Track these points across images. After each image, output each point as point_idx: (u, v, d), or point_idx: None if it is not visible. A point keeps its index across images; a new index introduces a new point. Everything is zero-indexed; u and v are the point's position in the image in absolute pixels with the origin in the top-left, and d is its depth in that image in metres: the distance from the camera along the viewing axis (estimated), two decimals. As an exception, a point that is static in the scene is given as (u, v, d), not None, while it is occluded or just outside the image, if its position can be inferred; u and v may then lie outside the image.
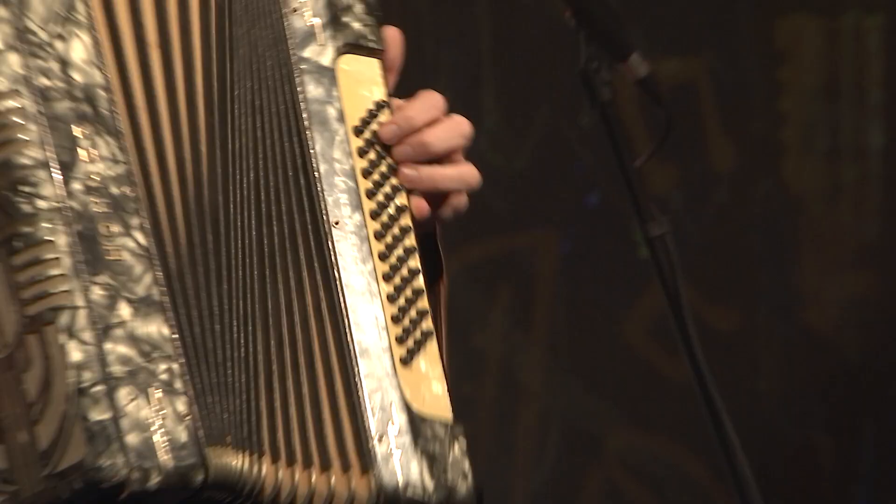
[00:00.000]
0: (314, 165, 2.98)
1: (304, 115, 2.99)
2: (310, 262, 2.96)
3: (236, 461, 2.91)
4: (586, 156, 7.20)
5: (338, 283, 2.95)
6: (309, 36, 3.03)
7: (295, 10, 3.04)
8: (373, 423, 2.95)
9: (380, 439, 2.95)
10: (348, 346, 2.93)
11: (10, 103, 2.71)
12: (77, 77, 2.77)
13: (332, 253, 2.97)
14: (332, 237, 2.98)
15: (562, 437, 7.55)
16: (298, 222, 2.98)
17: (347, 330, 2.94)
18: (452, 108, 3.32)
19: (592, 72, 3.49)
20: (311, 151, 3.00)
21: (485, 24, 7.39)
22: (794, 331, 7.37)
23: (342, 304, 2.94)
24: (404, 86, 3.33)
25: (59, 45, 2.79)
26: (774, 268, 7.48)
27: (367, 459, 2.92)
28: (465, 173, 3.09)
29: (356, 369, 2.93)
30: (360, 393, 2.93)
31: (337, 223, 2.98)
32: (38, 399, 2.77)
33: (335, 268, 2.96)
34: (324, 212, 2.97)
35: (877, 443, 7.59)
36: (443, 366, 3.12)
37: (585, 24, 3.51)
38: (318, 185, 3.00)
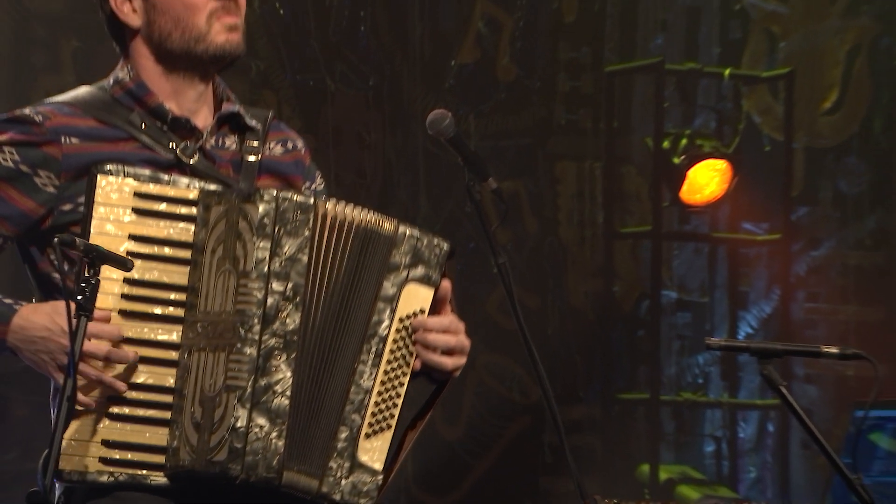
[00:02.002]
0: (373, 322, 3.46)
1: (377, 307, 3.45)
2: (348, 363, 3.44)
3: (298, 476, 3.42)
4: (469, 223, 8.21)
5: (349, 374, 3.45)
6: (392, 268, 3.45)
7: (394, 255, 3.44)
8: (337, 444, 3.45)
9: (338, 453, 3.45)
10: (347, 404, 3.44)
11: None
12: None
13: (353, 358, 3.45)
14: (358, 353, 3.45)
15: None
16: (351, 345, 3.43)
17: (348, 396, 3.45)
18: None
19: (470, 185, 3.82)
20: (374, 319, 3.45)
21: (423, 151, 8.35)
22: (568, 310, 8.61)
23: (348, 381, 3.44)
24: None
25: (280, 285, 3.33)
26: (556, 275, 8.62)
27: (330, 465, 3.45)
28: (458, 363, 3.52)
29: (349, 415, 3.44)
30: (343, 427, 3.45)
31: (360, 354, 3.44)
32: (215, 409, 3.35)
33: (349, 368, 3.45)
34: (363, 340, 3.44)
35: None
36: (389, 451, 3.50)
37: (466, 162, 3.81)
38: (369, 332, 3.46)
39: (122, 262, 3.24)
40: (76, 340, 3.13)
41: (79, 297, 3.14)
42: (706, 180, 8.09)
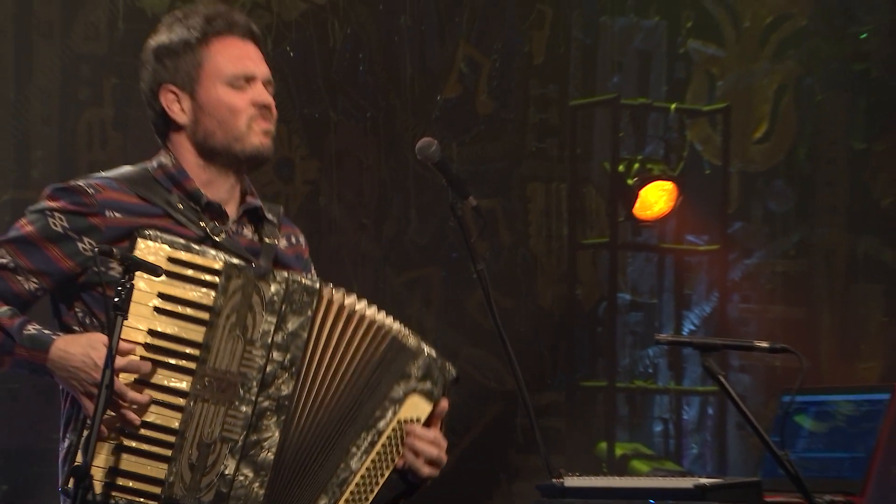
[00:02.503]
0: (376, 416, 3.43)
1: (384, 405, 3.43)
2: (344, 444, 3.42)
3: None
4: (453, 236, 8.05)
5: (342, 452, 3.42)
6: (406, 376, 3.43)
7: (410, 366, 3.44)
8: None
9: None
10: (333, 477, 3.41)
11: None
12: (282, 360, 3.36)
13: (349, 439, 3.42)
14: (355, 437, 3.43)
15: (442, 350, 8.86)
16: (351, 429, 3.42)
17: (336, 471, 3.41)
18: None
19: (454, 203, 3.84)
20: (377, 413, 3.43)
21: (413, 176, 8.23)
22: (537, 310, 8.56)
23: (340, 458, 3.41)
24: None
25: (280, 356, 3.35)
26: (527, 280, 8.53)
27: None
28: (432, 470, 3.50)
29: (331, 490, 3.41)
30: (323, 496, 3.42)
31: (357, 440, 3.42)
32: (209, 455, 3.32)
33: (343, 447, 3.42)
34: (363, 428, 3.42)
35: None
36: None
37: (450, 183, 3.83)
38: (368, 423, 3.43)
39: (153, 270, 3.23)
40: (112, 337, 3.13)
41: (115, 299, 3.13)
42: (655, 199, 8.06)
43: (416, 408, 3.43)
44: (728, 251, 8.36)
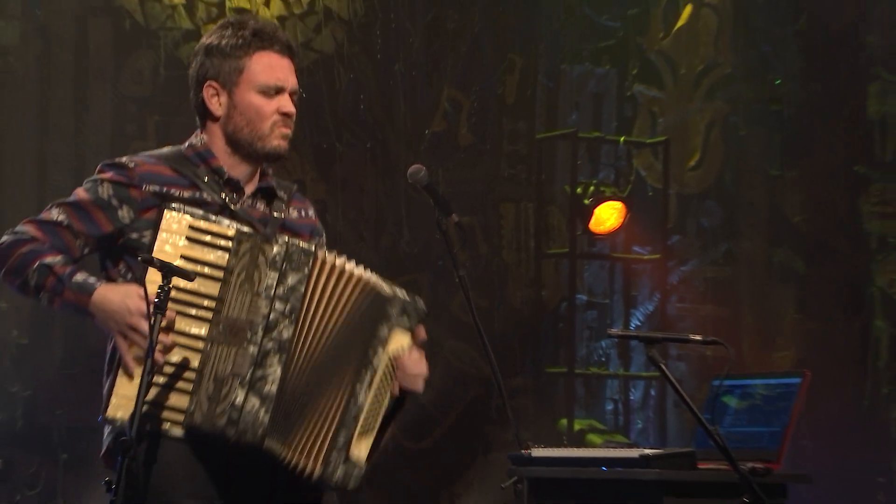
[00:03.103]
0: (369, 355, 3.40)
1: (373, 344, 3.39)
2: (348, 384, 3.39)
3: (279, 447, 3.34)
4: (439, 247, 7.48)
5: (350, 391, 3.39)
6: (387, 317, 3.40)
7: (389, 309, 3.40)
8: (338, 442, 3.37)
9: (337, 451, 3.38)
10: (347, 413, 3.38)
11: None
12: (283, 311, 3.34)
13: (353, 380, 3.39)
14: (358, 377, 3.39)
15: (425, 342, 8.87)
16: (353, 370, 3.39)
17: (349, 407, 3.38)
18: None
19: (439, 219, 3.86)
20: (370, 352, 3.39)
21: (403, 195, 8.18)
22: (509, 310, 8.45)
23: (350, 397, 3.38)
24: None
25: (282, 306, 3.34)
26: (501, 284, 8.47)
27: (331, 457, 3.36)
28: (420, 385, 3.49)
29: (348, 423, 3.38)
30: (341, 430, 3.37)
31: (359, 377, 3.38)
32: (222, 387, 3.32)
33: (350, 387, 3.39)
34: (362, 367, 3.39)
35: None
36: (371, 450, 3.43)
37: (436, 202, 3.84)
38: (366, 362, 3.40)
39: (187, 275, 3.25)
40: (153, 331, 3.16)
41: (156, 300, 3.16)
42: (607, 216, 8.03)
43: (400, 340, 3.42)
44: (667, 260, 8.33)
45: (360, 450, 3.39)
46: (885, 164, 7.81)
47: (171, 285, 3.19)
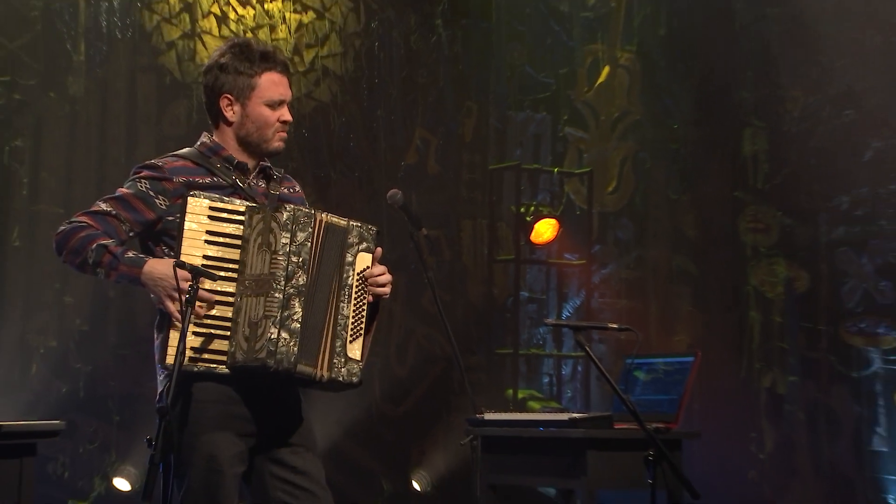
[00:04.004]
0: (344, 278, 3.38)
1: (346, 269, 3.38)
2: (335, 303, 3.36)
3: (305, 364, 3.34)
4: (412, 254, 7.14)
5: (336, 309, 3.36)
6: (349, 245, 3.40)
7: (349, 238, 3.40)
8: (336, 349, 3.37)
9: (338, 354, 3.37)
10: (338, 326, 3.36)
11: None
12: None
13: (336, 299, 3.36)
14: (339, 297, 3.36)
15: (401, 329, 8.15)
16: (335, 293, 3.35)
17: (338, 321, 3.36)
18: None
19: (412, 233, 3.82)
20: (345, 276, 3.37)
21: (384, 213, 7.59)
22: (468, 303, 8.41)
23: (337, 313, 3.35)
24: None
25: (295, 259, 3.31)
26: (461, 283, 8.44)
27: (334, 361, 3.37)
28: (387, 290, 3.48)
29: (337, 331, 3.36)
30: (336, 340, 3.36)
31: (342, 297, 3.36)
32: (257, 328, 3.30)
33: (339, 305, 3.36)
34: (341, 291, 3.36)
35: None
36: (362, 349, 3.41)
37: (409, 219, 3.80)
38: (343, 284, 3.38)
39: (210, 276, 3.24)
40: (185, 322, 3.15)
41: (186, 297, 3.17)
42: (544, 230, 8.03)
43: (363, 261, 3.41)
44: (591, 264, 8.33)
45: (355, 351, 3.37)
46: (756, 191, 7.84)
47: (198, 285, 3.17)
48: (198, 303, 3.22)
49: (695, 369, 5.01)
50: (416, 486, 7.82)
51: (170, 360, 3.23)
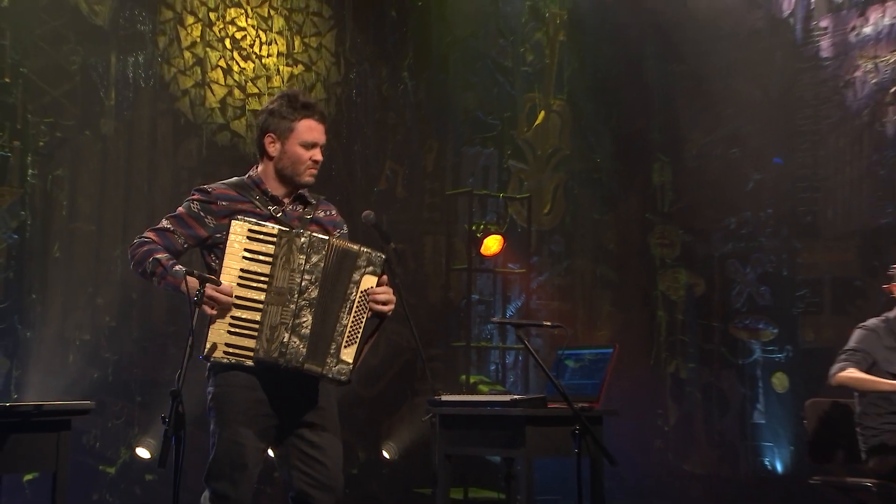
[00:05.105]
0: (348, 293, 3.29)
1: (350, 286, 3.28)
2: (337, 313, 3.27)
3: (312, 364, 3.26)
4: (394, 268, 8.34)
5: (337, 318, 3.27)
6: (357, 267, 3.31)
7: (357, 261, 3.31)
8: (331, 351, 3.27)
9: (332, 355, 3.27)
10: (336, 332, 3.27)
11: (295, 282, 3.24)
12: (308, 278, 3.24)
13: (339, 310, 3.27)
14: (341, 308, 3.27)
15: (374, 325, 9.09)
16: (339, 304, 3.26)
17: (337, 328, 3.27)
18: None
19: (383, 247, 3.45)
20: (348, 291, 3.28)
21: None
22: (429, 304, 8.35)
23: (337, 322, 3.27)
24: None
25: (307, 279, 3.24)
26: (423, 288, 8.34)
27: (328, 360, 3.27)
28: (390, 309, 3.35)
29: (335, 336, 3.26)
30: (332, 344, 3.26)
31: (343, 308, 3.26)
32: (274, 332, 3.26)
33: (340, 315, 3.27)
34: (343, 303, 3.27)
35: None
36: (357, 354, 3.29)
37: (381, 235, 3.47)
38: (346, 297, 3.28)
39: (214, 281, 3.20)
40: (191, 318, 3.10)
41: (194, 298, 3.14)
42: (492, 244, 7.99)
43: (368, 281, 3.32)
44: (530, 273, 8.31)
45: (348, 355, 3.29)
46: (663, 214, 7.94)
47: (204, 289, 3.14)
48: (212, 303, 3.17)
49: (614, 359, 4.97)
50: (385, 454, 7.76)
51: (208, 352, 3.21)
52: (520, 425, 4.58)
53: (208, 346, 3.23)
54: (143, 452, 6.75)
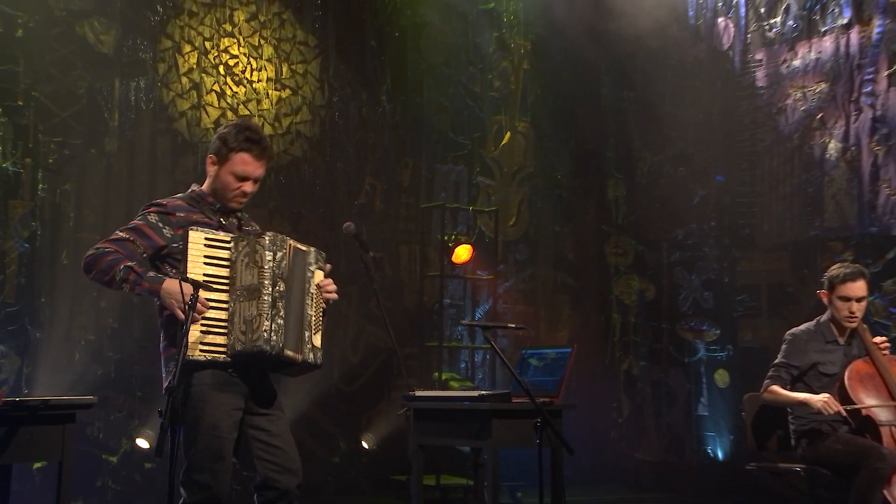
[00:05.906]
0: (307, 287, 3.29)
1: (308, 280, 3.29)
2: (303, 304, 3.27)
3: (292, 351, 3.26)
4: (362, 271, 6.46)
5: (303, 309, 3.26)
6: (309, 263, 3.32)
7: (309, 259, 3.33)
8: (305, 339, 3.28)
9: (306, 342, 3.27)
10: (305, 322, 3.27)
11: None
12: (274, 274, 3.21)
13: (303, 303, 3.26)
14: (305, 300, 3.27)
15: (354, 327, 7.80)
16: (303, 297, 3.26)
17: (305, 318, 3.27)
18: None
19: (362, 255, 3.66)
20: (307, 285, 3.29)
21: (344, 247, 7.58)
22: (404, 308, 8.07)
23: (304, 313, 3.26)
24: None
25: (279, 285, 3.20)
26: (399, 292, 8.37)
27: (304, 347, 3.29)
28: (335, 296, 3.38)
29: (306, 326, 3.27)
30: (306, 332, 3.27)
31: (306, 300, 3.27)
32: (253, 324, 3.20)
33: (305, 307, 3.28)
34: (306, 297, 3.28)
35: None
36: (321, 337, 3.34)
37: (360, 244, 3.64)
38: (307, 291, 3.30)
39: (207, 287, 3.18)
40: (187, 320, 3.08)
41: (187, 303, 3.09)
42: (462, 252, 7.96)
43: (318, 276, 3.33)
44: (497, 279, 8.30)
45: (317, 341, 3.29)
46: (618, 226, 8.08)
47: (197, 294, 3.11)
48: (198, 306, 3.16)
49: (572, 357, 4.93)
50: (364, 444, 7.69)
51: (188, 351, 3.16)
52: (487, 418, 4.56)
53: (190, 343, 3.18)
54: (142, 443, 6.70)
